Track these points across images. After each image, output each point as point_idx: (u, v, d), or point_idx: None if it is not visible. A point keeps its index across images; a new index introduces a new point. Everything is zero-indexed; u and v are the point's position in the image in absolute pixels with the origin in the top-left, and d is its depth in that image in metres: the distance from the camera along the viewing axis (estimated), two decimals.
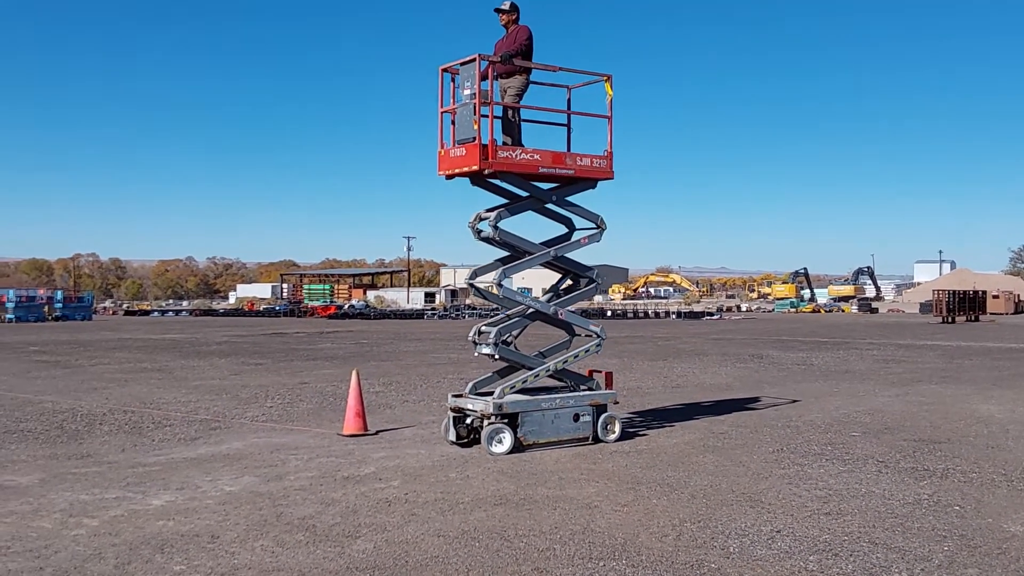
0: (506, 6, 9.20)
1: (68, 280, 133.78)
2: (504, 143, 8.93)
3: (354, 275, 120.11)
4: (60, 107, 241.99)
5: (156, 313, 75.78)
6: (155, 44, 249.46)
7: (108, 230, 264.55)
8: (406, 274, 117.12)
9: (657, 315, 63.13)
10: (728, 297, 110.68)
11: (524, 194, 9.23)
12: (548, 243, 9.41)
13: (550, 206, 9.37)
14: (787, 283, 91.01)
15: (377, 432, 9.70)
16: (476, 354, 9.11)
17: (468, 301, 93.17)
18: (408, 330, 39.24)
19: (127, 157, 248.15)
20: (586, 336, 9.56)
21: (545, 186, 9.36)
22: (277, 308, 75.82)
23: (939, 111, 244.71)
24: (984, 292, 54.59)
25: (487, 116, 8.64)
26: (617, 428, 9.11)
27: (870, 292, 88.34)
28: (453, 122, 8.99)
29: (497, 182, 9.17)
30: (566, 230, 9.63)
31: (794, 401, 12.46)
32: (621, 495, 6.74)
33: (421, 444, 9.00)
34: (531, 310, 9.22)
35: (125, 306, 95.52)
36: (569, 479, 7.30)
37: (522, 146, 8.99)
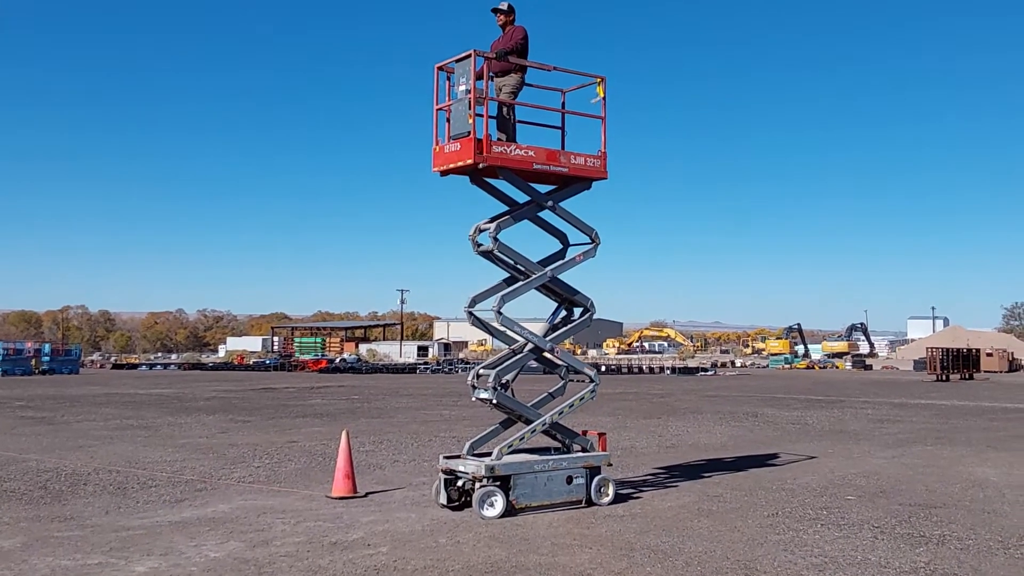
0: (504, 6, 9.36)
1: (56, 332, 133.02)
2: (499, 140, 8.95)
3: (346, 328, 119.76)
4: (48, 158, 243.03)
5: (144, 367, 75.23)
6: (139, 93, 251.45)
7: (98, 282, 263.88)
8: (399, 327, 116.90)
9: (652, 370, 62.98)
10: (723, 352, 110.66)
11: (522, 199, 9.19)
12: (543, 262, 9.34)
13: (546, 215, 9.33)
14: (781, 339, 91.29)
15: (366, 494, 9.53)
16: (474, 398, 9.00)
17: (461, 355, 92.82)
18: (400, 385, 38.98)
19: (117, 208, 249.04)
20: (579, 381, 9.46)
21: (542, 190, 9.31)
22: (267, 362, 75.36)
23: (931, 165, 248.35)
24: (978, 350, 54.71)
25: (482, 115, 8.68)
26: (611, 491, 8.98)
27: (864, 349, 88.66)
28: (448, 120, 9.02)
29: (494, 182, 9.18)
30: (560, 247, 9.58)
31: (790, 463, 12.34)
32: (614, 562, 6.61)
33: (411, 507, 8.85)
34: (528, 347, 9.10)
35: (113, 359, 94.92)
36: (562, 545, 7.16)
37: (516, 143, 9.03)
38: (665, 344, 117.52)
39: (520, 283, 9.06)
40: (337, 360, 75.01)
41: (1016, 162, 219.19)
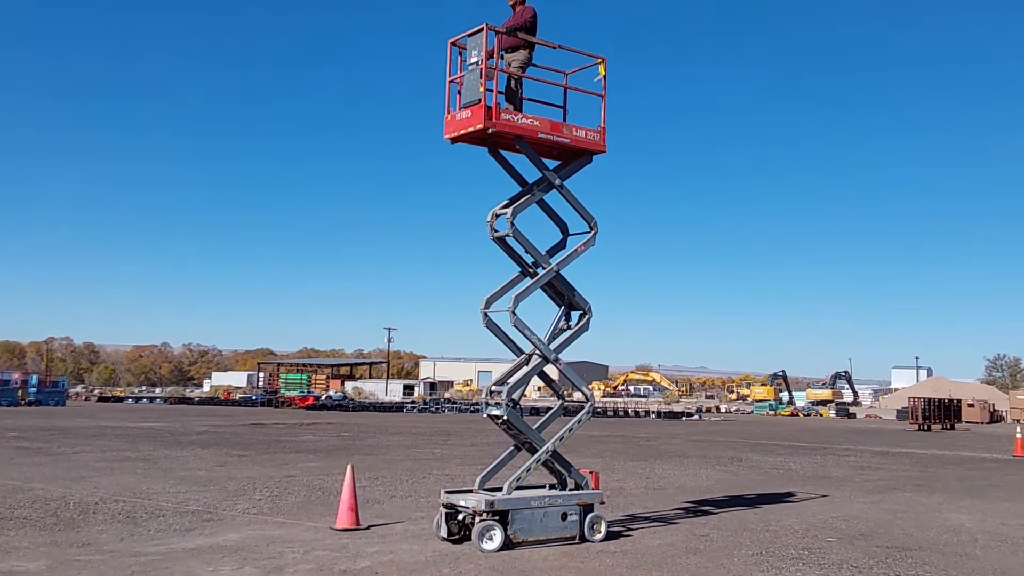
0: None
1: (40, 363, 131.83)
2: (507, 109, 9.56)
3: (332, 365, 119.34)
4: (33, 187, 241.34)
5: (130, 400, 74.78)
6: (128, 126, 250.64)
7: (83, 313, 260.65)
8: (385, 365, 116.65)
9: (637, 414, 63.18)
10: (708, 397, 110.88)
11: (532, 178, 9.74)
12: (547, 254, 9.84)
13: (548, 198, 9.86)
14: (766, 385, 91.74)
15: (369, 527, 9.93)
16: (484, 415, 9.47)
17: (447, 395, 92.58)
18: (389, 423, 39.14)
19: (103, 239, 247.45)
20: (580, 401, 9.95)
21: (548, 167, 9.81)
22: (254, 397, 75.01)
23: (916, 215, 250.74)
24: (960, 401, 55.22)
25: (492, 90, 9.28)
26: (603, 528, 9.42)
27: (848, 397, 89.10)
28: (459, 92, 9.62)
29: (506, 154, 9.76)
30: (560, 237, 10.09)
31: (774, 505, 12.79)
32: None
33: (413, 539, 9.25)
34: (535, 358, 9.56)
35: (98, 392, 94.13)
36: None
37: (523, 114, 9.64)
38: (650, 388, 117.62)
39: (531, 281, 9.58)
40: (323, 397, 74.75)
41: (1002, 214, 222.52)
